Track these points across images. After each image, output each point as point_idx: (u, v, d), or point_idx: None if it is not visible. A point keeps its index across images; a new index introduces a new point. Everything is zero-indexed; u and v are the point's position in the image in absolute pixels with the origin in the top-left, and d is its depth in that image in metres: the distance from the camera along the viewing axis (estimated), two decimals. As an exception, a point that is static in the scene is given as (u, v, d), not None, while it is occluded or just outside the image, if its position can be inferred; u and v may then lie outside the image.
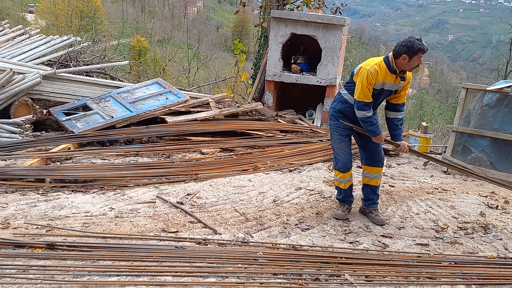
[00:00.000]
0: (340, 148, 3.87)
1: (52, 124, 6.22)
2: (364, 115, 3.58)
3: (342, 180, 3.90)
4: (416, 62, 3.45)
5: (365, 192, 3.97)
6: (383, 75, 3.51)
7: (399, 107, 3.73)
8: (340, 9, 11.28)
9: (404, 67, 3.49)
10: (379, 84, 3.54)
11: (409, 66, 3.47)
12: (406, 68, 3.51)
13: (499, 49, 32.45)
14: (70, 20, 33.16)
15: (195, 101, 6.76)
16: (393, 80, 3.55)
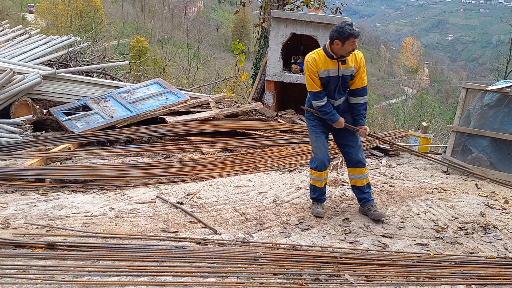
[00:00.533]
0: (316, 147, 3.93)
1: (52, 124, 6.22)
2: (317, 104, 3.77)
3: (318, 179, 3.92)
4: (349, 46, 3.52)
5: (356, 193, 4.03)
6: (323, 62, 3.65)
7: (357, 92, 3.79)
8: (340, 9, 11.29)
9: (340, 52, 3.57)
10: (322, 71, 3.67)
11: (344, 50, 3.54)
12: (342, 53, 3.58)
13: (499, 49, 32.45)
14: (70, 20, 33.17)
15: (195, 101, 6.76)
16: (335, 66, 3.65)
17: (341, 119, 3.78)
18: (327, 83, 3.73)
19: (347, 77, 3.72)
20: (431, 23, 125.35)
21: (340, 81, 3.72)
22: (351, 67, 3.68)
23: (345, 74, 3.69)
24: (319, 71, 3.68)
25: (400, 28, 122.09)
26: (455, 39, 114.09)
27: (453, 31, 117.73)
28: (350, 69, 3.68)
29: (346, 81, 3.75)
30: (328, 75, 3.68)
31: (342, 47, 3.52)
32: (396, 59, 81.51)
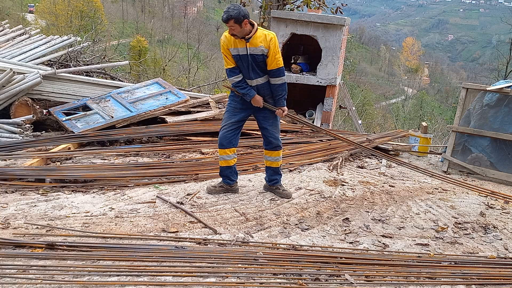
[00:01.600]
0: (225, 123, 4.09)
1: (52, 124, 6.22)
2: (233, 80, 3.98)
3: (220, 156, 4.12)
4: (230, 29, 3.75)
5: (268, 173, 4.26)
6: (232, 42, 3.85)
7: (273, 73, 3.92)
8: (340, 8, 11.29)
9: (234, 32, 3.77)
10: (233, 49, 3.87)
11: (231, 31, 3.76)
12: (235, 33, 3.77)
13: (499, 49, 32.47)
14: (70, 20, 33.17)
15: (195, 101, 6.76)
16: (243, 45, 3.82)
17: (258, 97, 3.96)
18: (239, 62, 3.91)
19: (257, 56, 3.84)
20: (431, 23, 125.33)
21: (250, 59, 3.86)
22: (260, 47, 3.81)
23: (254, 53, 3.84)
24: (230, 49, 3.88)
25: (400, 28, 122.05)
26: (455, 39, 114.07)
27: (453, 31, 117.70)
28: (259, 49, 3.81)
29: (258, 61, 3.87)
30: (238, 54, 3.87)
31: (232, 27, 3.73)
32: (396, 59, 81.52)
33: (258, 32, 3.83)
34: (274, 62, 3.87)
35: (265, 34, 3.82)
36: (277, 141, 4.12)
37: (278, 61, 3.87)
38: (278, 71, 3.91)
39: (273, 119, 4.10)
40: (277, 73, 3.92)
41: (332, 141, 6.25)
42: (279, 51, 3.88)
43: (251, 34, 3.79)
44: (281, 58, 3.90)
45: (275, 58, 3.85)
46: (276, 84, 3.96)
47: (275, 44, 3.83)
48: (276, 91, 3.99)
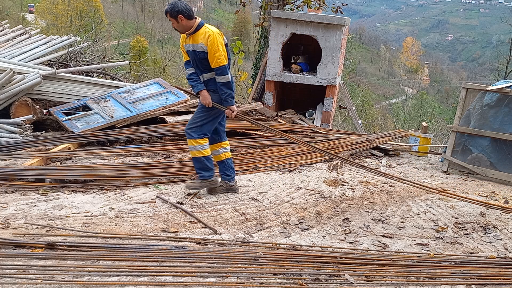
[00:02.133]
0: None
1: (52, 124, 6.22)
2: (187, 72, 4.21)
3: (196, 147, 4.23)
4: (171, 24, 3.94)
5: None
6: (184, 37, 4.05)
7: (215, 71, 3.97)
8: (340, 8, 11.29)
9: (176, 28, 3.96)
10: (185, 45, 4.06)
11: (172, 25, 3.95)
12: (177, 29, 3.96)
13: (499, 49, 32.46)
14: (70, 20, 33.16)
15: (195, 101, 6.76)
16: (189, 41, 4.00)
17: (205, 92, 4.03)
18: (191, 56, 4.07)
19: (199, 53, 3.95)
20: (431, 23, 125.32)
21: (193, 55, 4.01)
22: (200, 44, 3.92)
23: (196, 50, 3.96)
24: (184, 45, 4.09)
25: (400, 28, 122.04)
26: (455, 39, 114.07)
27: (453, 31, 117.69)
28: (199, 46, 3.93)
29: (200, 58, 3.97)
30: (187, 49, 4.06)
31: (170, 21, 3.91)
32: (396, 59, 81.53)
33: (202, 29, 3.92)
34: (215, 60, 3.90)
35: (206, 32, 3.89)
36: (191, 124, 4.10)
37: (219, 59, 3.89)
38: (219, 69, 3.93)
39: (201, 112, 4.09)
40: (219, 71, 3.94)
41: (332, 141, 6.25)
42: (219, 49, 3.88)
43: (192, 30, 3.91)
44: (222, 56, 3.90)
45: (215, 56, 3.87)
46: (220, 83, 3.98)
47: (213, 42, 3.85)
48: (221, 89, 4.00)
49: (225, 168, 4.26)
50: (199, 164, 4.13)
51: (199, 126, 4.08)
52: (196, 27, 3.91)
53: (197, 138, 4.06)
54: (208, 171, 4.14)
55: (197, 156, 4.11)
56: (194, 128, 4.08)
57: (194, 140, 4.07)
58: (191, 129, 4.09)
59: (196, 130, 4.07)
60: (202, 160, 4.11)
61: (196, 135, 4.06)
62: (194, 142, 4.08)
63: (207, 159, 4.14)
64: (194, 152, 4.12)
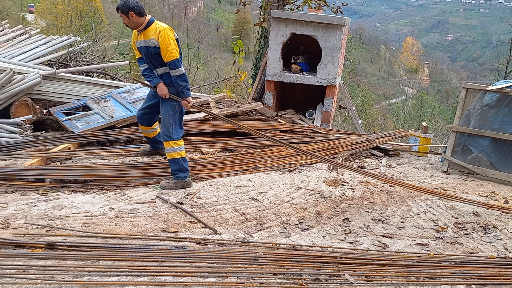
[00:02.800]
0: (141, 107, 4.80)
1: (52, 124, 6.22)
2: (140, 69, 4.40)
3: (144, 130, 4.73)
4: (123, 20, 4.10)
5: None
6: (137, 34, 4.22)
7: (169, 65, 4.16)
8: (340, 8, 11.29)
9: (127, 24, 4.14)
10: (137, 42, 4.25)
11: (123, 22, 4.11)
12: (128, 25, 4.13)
13: (499, 49, 32.48)
14: (70, 20, 33.16)
15: (195, 101, 6.75)
16: (140, 37, 4.18)
17: (162, 85, 4.24)
18: (143, 52, 4.24)
19: (151, 48, 4.13)
20: (431, 23, 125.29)
21: (145, 51, 4.19)
22: (151, 40, 4.10)
23: (148, 45, 4.14)
24: (135, 42, 4.27)
25: (400, 28, 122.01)
26: (455, 39, 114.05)
27: (453, 31, 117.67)
28: (151, 41, 4.11)
29: (152, 53, 4.15)
30: (139, 45, 4.23)
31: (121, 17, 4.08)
32: (396, 59, 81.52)
33: (152, 25, 4.10)
34: (167, 55, 4.09)
35: (156, 28, 4.08)
36: (166, 128, 4.28)
37: (171, 54, 4.08)
38: (173, 63, 4.11)
39: (166, 108, 4.30)
40: (173, 65, 4.12)
41: (332, 141, 6.25)
42: (171, 44, 4.06)
43: (143, 26, 4.09)
44: (174, 50, 4.09)
45: (167, 50, 4.06)
46: (174, 76, 4.18)
47: (165, 37, 4.04)
48: (176, 83, 4.20)
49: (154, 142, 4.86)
50: (176, 165, 4.29)
51: (173, 126, 4.29)
52: (146, 24, 4.09)
53: (176, 140, 4.27)
54: (184, 172, 4.31)
55: (175, 157, 4.29)
56: (170, 128, 4.28)
57: (173, 142, 4.27)
58: (168, 130, 4.28)
59: (173, 131, 4.28)
60: (179, 161, 4.28)
61: (176, 136, 4.28)
62: (172, 144, 4.27)
63: (184, 160, 4.32)
64: (172, 153, 4.29)
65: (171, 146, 4.26)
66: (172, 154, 4.27)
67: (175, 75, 4.17)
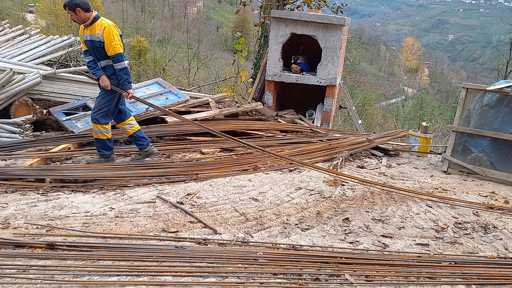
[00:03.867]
0: None
1: (52, 124, 6.22)
2: (85, 60, 4.73)
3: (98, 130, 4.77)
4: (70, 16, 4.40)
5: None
6: (83, 28, 4.52)
7: (112, 58, 4.51)
8: (341, 8, 11.29)
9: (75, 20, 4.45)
10: (83, 35, 4.55)
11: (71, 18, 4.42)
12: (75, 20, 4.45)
13: (499, 49, 32.49)
14: (70, 20, 33.13)
15: (195, 101, 6.76)
16: (87, 32, 4.50)
17: (105, 77, 4.57)
18: (89, 46, 4.54)
19: (96, 42, 4.46)
20: (431, 23, 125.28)
21: (90, 45, 4.50)
22: (97, 34, 4.43)
23: (93, 39, 4.46)
24: (82, 35, 4.58)
25: (400, 28, 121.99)
26: (455, 39, 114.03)
27: (453, 31, 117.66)
28: (96, 36, 4.43)
29: (97, 47, 4.47)
30: (85, 39, 4.54)
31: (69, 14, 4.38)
32: (396, 59, 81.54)
33: (98, 21, 4.44)
34: (111, 49, 4.44)
35: (102, 23, 4.42)
36: (96, 110, 4.66)
37: (115, 48, 4.43)
38: (116, 57, 4.46)
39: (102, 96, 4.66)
40: (116, 58, 4.47)
41: (332, 141, 6.25)
42: (115, 39, 4.42)
43: (89, 22, 4.41)
44: (118, 45, 4.43)
45: (111, 45, 4.41)
46: (117, 69, 4.52)
47: (109, 33, 4.39)
48: (119, 75, 4.55)
49: (136, 139, 4.93)
50: (101, 144, 4.74)
51: (105, 113, 4.65)
52: (92, 19, 4.42)
53: (104, 124, 4.67)
54: (109, 150, 4.78)
55: (101, 138, 4.72)
56: (101, 114, 4.64)
57: (101, 125, 4.67)
58: (98, 115, 4.63)
59: (103, 117, 4.65)
60: (104, 141, 4.74)
61: (104, 121, 4.66)
62: (100, 127, 4.68)
63: (109, 141, 4.76)
64: (98, 134, 4.71)
65: (98, 128, 4.67)
66: (98, 134, 4.70)
67: (118, 68, 4.51)
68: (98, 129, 4.67)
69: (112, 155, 4.83)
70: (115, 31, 4.46)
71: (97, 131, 4.68)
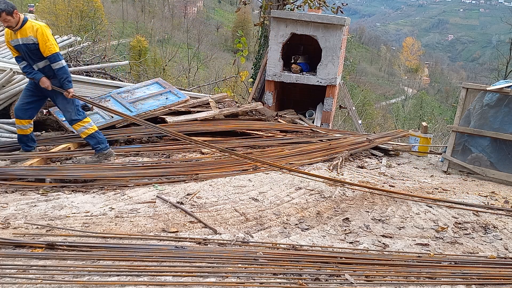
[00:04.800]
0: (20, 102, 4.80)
1: (52, 124, 6.22)
2: (20, 67, 4.65)
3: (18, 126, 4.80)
4: (4, 22, 4.31)
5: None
6: (11, 34, 4.46)
7: (49, 59, 4.50)
8: (341, 8, 11.30)
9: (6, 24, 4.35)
10: (12, 41, 4.46)
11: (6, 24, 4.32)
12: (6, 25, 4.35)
13: (499, 49, 32.50)
14: (70, 20, 33.18)
15: (195, 101, 6.76)
16: (16, 36, 4.42)
17: (45, 79, 4.56)
18: (20, 50, 4.49)
19: (29, 45, 4.42)
20: (431, 23, 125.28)
21: (24, 48, 4.44)
22: (30, 37, 4.39)
23: (26, 42, 4.41)
24: (10, 41, 4.49)
25: (400, 28, 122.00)
26: (455, 39, 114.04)
27: (453, 31, 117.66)
28: (29, 38, 4.39)
29: (32, 49, 4.44)
30: (16, 44, 4.46)
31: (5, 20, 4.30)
32: (396, 59, 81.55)
33: (27, 23, 4.38)
34: (47, 50, 4.42)
35: (33, 25, 4.39)
36: (69, 115, 4.75)
37: (50, 48, 4.42)
38: (53, 56, 4.45)
39: (61, 99, 4.70)
40: (53, 58, 4.46)
41: (332, 141, 6.25)
42: (49, 39, 4.40)
43: (18, 25, 4.35)
44: (53, 45, 4.43)
45: (46, 45, 4.40)
46: (56, 68, 4.52)
47: (43, 33, 4.37)
48: (58, 75, 4.54)
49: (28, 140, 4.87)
50: (94, 139, 4.80)
51: (75, 111, 4.73)
52: (22, 23, 4.36)
53: (83, 119, 4.75)
54: (103, 143, 4.81)
55: (89, 133, 4.77)
56: (74, 113, 4.74)
57: (81, 122, 4.75)
58: (72, 115, 4.73)
59: (76, 114, 4.74)
60: (95, 135, 4.78)
61: (81, 117, 4.75)
62: (81, 123, 4.77)
63: (98, 133, 4.82)
64: (85, 131, 4.79)
65: (81, 126, 4.75)
66: (85, 132, 4.77)
67: (56, 67, 4.51)
68: (82, 127, 4.77)
69: (109, 149, 4.88)
70: (47, 31, 4.46)
71: (82, 129, 4.77)
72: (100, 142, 4.81)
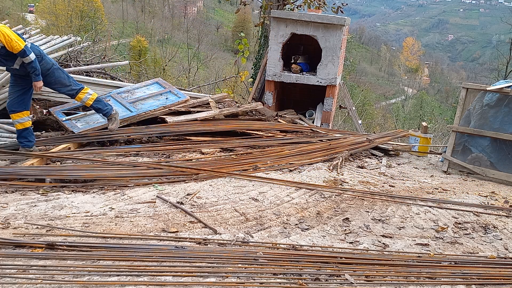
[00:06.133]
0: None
1: (52, 124, 6.22)
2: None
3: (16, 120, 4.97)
4: None
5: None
6: None
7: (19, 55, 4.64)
8: (341, 8, 11.30)
9: None
10: None
11: None
12: None
13: (499, 49, 32.52)
14: (70, 20, 33.20)
15: (195, 101, 6.76)
16: None
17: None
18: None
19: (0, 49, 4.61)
20: (431, 23, 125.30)
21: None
22: None
23: None
24: None
25: (400, 28, 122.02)
26: (455, 39, 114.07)
27: (453, 31, 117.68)
28: None
29: (2, 53, 4.62)
30: None
31: None
32: (396, 59, 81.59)
33: None
34: (14, 48, 4.57)
35: None
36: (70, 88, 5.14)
37: (15, 46, 4.55)
38: (21, 53, 4.60)
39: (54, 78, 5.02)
40: (22, 54, 4.61)
41: (332, 141, 6.25)
42: (12, 38, 4.53)
43: None
44: (17, 42, 4.55)
45: (12, 44, 4.54)
46: (25, 63, 4.70)
47: (4, 34, 4.50)
48: (28, 69, 4.73)
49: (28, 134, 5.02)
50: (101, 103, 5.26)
51: (73, 81, 5.11)
52: None
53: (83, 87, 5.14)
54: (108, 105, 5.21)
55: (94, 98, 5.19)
56: (73, 84, 5.09)
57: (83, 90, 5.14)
58: (74, 86, 5.07)
59: (76, 84, 5.12)
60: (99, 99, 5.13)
61: (81, 85, 5.11)
62: (84, 92, 5.15)
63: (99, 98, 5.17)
64: (90, 98, 5.18)
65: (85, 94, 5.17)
66: (90, 98, 5.21)
67: (26, 62, 4.67)
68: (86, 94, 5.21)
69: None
70: (7, 30, 4.57)
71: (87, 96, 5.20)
72: (106, 104, 5.19)
